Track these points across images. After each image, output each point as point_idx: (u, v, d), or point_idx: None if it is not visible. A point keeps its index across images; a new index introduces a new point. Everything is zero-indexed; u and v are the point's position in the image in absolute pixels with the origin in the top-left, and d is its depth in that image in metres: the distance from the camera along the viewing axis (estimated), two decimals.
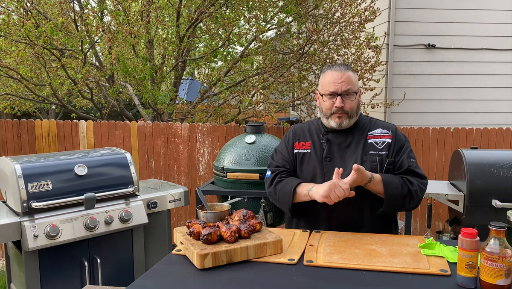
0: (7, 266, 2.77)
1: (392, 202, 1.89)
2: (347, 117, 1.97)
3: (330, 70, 1.98)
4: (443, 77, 6.23)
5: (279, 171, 2.07)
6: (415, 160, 2.01)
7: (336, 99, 1.94)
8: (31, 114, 9.02)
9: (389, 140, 1.99)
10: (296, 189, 1.95)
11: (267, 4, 5.00)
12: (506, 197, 2.91)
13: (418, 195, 1.93)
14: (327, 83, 1.97)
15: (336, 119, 1.97)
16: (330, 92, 1.95)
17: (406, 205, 1.93)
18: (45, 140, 4.69)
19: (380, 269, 1.46)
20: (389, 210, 1.93)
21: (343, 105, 1.94)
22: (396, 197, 1.88)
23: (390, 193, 1.87)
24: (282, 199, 2.01)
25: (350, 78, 1.95)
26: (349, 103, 1.95)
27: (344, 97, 1.94)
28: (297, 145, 2.10)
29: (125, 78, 5.18)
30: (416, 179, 1.95)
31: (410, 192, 1.90)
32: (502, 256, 1.27)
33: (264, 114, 5.54)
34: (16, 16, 4.80)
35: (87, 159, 2.70)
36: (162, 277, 1.45)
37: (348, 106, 1.95)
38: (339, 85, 1.93)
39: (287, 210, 2.01)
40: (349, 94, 1.94)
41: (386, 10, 6.04)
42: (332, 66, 2.00)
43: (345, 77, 1.94)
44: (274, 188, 2.05)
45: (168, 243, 3.08)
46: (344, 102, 1.94)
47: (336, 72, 1.95)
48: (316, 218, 2.02)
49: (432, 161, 4.74)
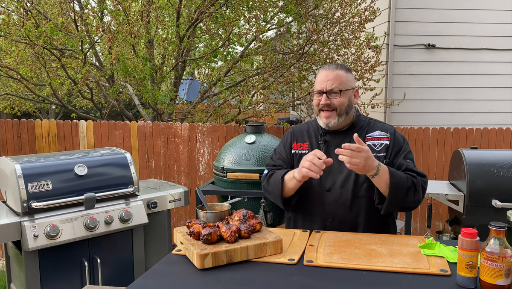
0: (7, 266, 2.77)
1: (397, 193, 1.83)
2: (336, 115, 1.97)
3: (323, 69, 2.03)
4: (443, 77, 6.23)
5: (275, 168, 2.11)
6: (413, 161, 2.00)
7: (322, 97, 1.97)
8: (31, 114, 9.03)
9: (387, 143, 1.99)
10: (284, 176, 1.99)
11: (267, 4, 5.00)
12: (506, 197, 2.91)
13: (421, 189, 1.90)
14: (317, 81, 2.02)
15: (324, 119, 1.99)
16: (318, 90, 1.99)
17: (410, 198, 1.87)
18: (45, 140, 4.69)
19: (380, 269, 1.46)
20: (392, 203, 1.87)
21: (329, 102, 1.96)
22: (402, 186, 1.84)
23: (395, 182, 1.82)
24: (273, 190, 2.04)
25: (339, 77, 1.96)
26: (336, 100, 1.96)
27: (330, 95, 1.96)
28: (295, 145, 2.12)
29: (125, 78, 5.18)
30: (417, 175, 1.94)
31: (414, 184, 1.88)
32: (502, 256, 1.27)
33: (264, 114, 5.54)
34: (16, 16, 4.80)
35: (87, 159, 2.70)
36: (162, 277, 1.45)
37: (336, 102, 1.96)
38: (325, 83, 1.97)
39: (279, 200, 2.03)
40: (335, 92, 1.96)
41: (386, 10, 6.04)
42: (325, 66, 2.04)
43: (333, 76, 1.96)
44: (267, 181, 2.09)
45: (168, 243, 3.08)
46: (330, 100, 1.96)
47: (326, 71, 1.99)
48: (310, 221, 2.03)
49: (432, 161, 4.74)
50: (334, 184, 1.97)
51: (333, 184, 1.98)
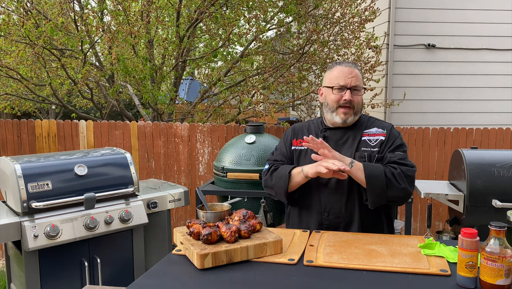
0: (7, 266, 2.77)
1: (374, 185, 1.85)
2: (353, 113, 2.01)
3: (340, 66, 2.04)
4: (443, 77, 6.23)
5: (276, 163, 2.13)
6: (404, 153, 1.99)
7: (346, 93, 1.98)
8: (31, 114, 9.02)
9: (382, 138, 2.01)
10: (292, 171, 2.00)
11: (267, 4, 5.00)
12: (506, 197, 2.91)
13: (404, 178, 1.88)
14: (335, 77, 2.01)
15: (342, 115, 2.00)
16: (340, 85, 1.99)
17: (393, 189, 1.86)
18: (45, 140, 4.69)
19: (380, 269, 1.46)
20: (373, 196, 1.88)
21: (352, 99, 1.98)
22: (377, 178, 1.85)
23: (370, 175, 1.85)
24: (277, 183, 2.03)
25: (358, 75, 2.02)
26: (357, 98, 2.00)
27: (352, 92, 1.99)
28: (295, 142, 2.14)
29: (125, 78, 5.18)
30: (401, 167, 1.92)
31: (394, 174, 1.87)
32: (502, 256, 1.27)
33: (264, 114, 5.54)
34: (16, 16, 4.80)
35: (87, 159, 2.70)
36: (162, 277, 1.45)
37: (356, 101, 2.00)
38: (350, 79, 1.99)
39: (283, 194, 2.02)
40: (357, 90, 2.00)
41: (386, 10, 6.04)
42: (341, 63, 2.07)
43: (355, 74, 2.01)
44: (270, 175, 2.10)
45: (168, 243, 3.08)
46: (352, 97, 1.98)
47: (346, 67, 2.02)
48: (307, 216, 2.05)
49: (432, 161, 4.74)
50: (331, 178, 1.98)
51: (330, 178, 1.99)
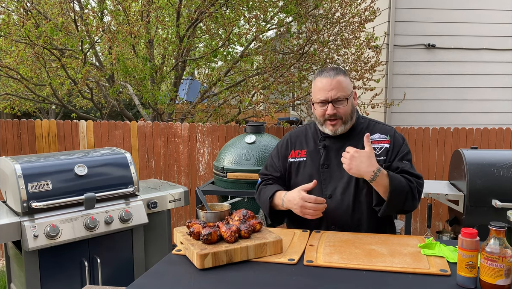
0: (7, 266, 2.77)
1: (396, 198, 1.82)
2: (341, 124, 1.93)
3: (320, 77, 1.93)
4: (443, 77, 6.23)
5: (266, 178, 2.12)
6: (410, 161, 1.97)
7: (328, 107, 1.89)
8: (31, 114, 9.02)
9: (387, 146, 1.95)
10: (273, 198, 1.99)
11: (267, 4, 5.00)
12: (506, 197, 2.91)
13: (417, 193, 1.89)
14: (317, 90, 1.92)
15: (330, 127, 1.93)
16: (321, 100, 1.91)
17: (409, 201, 1.86)
18: (45, 140, 4.69)
19: (380, 269, 1.46)
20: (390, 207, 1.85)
21: (336, 112, 1.90)
22: (401, 191, 1.82)
23: (395, 189, 1.80)
24: (262, 206, 2.07)
25: (341, 84, 1.89)
26: (342, 109, 1.90)
27: (335, 103, 1.89)
28: (293, 153, 2.07)
29: (125, 78, 5.18)
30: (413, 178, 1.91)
31: (411, 189, 1.86)
32: (502, 256, 1.27)
33: (264, 114, 5.54)
34: (16, 16, 4.81)
35: (87, 159, 2.70)
36: (162, 277, 1.45)
37: (342, 111, 1.90)
38: (329, 93, 1.88)
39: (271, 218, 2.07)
40: (340, 101, 1.89)
41: (386, 10, 6.04)
42: (321, 73, 1.94)
43: (335, 83, 1.88)
44: (258, 194, 2.11)
45: (168, 243, 3.08)
46: (337, 109, 1.90)
47: (325, 78, 1.90)
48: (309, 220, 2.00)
49: (432, 161, 4.74)
50: (335, 190, 1.94)
51: (334, 190, 1.95)
